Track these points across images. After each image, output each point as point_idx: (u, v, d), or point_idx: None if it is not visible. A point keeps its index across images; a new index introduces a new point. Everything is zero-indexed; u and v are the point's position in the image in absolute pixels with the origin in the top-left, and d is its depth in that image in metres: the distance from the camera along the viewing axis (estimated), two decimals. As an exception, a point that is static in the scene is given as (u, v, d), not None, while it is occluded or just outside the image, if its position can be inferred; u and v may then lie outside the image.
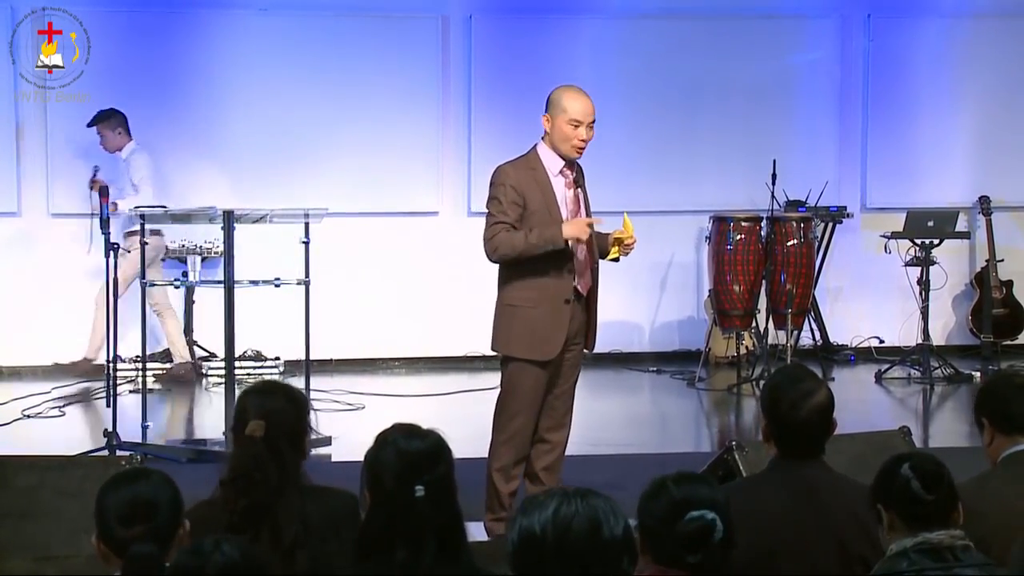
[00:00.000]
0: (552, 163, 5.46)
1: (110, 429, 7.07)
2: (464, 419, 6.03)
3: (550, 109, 5.47)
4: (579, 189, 5.52)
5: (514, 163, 5.50)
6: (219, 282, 7.36)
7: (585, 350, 5.67)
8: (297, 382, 6.43)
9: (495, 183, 5.45)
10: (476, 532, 5.32)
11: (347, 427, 7.71)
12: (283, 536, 3.32)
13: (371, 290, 10.25)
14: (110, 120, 9.56)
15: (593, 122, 5.46)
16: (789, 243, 9.56)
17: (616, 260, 5.57)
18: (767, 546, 3.42)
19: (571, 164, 5.52)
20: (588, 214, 5.53)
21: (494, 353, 5.67)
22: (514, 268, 5.46)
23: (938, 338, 10.42)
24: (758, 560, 3.39)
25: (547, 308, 5.42)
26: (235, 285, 7.26)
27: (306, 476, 3.50)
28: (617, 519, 2.40)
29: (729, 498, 2.87)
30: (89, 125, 9.56)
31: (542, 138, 5.51)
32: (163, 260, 9.65)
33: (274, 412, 3.46)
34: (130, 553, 2.61)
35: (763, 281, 9.55)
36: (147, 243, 7.69)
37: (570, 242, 5.39)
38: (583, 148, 5.46)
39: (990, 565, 3.05)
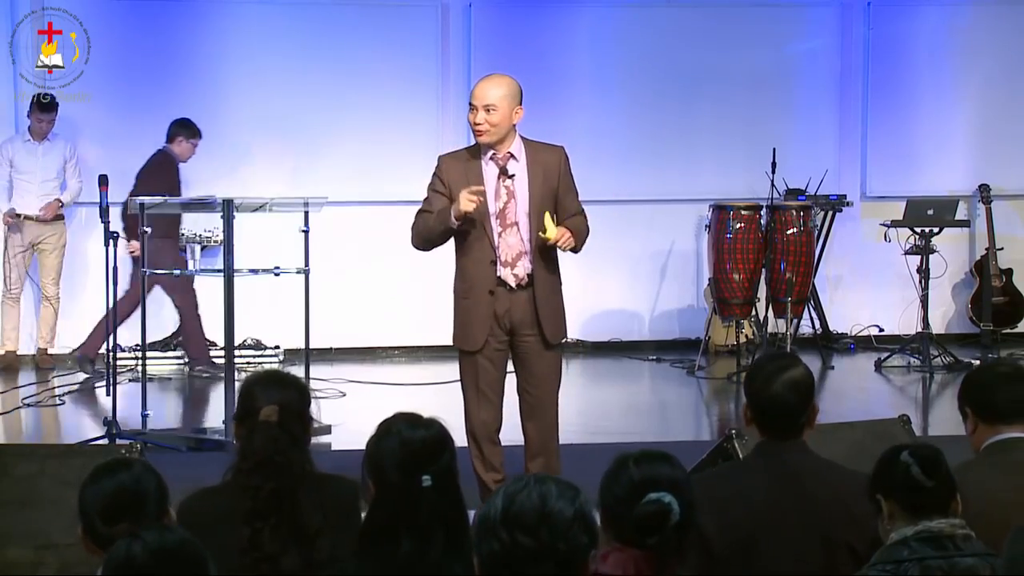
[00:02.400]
0: (487, 149, 5.43)
1: (110, 418, 7.07)
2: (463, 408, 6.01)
3: None
4: (511, 178, 5.35)
5: (455, 151, 5.53)
6: (219, 271, 7.35)
7: (555, 341, 5.45)
8: (297, 371, 6.43)
9: (433, 173, 5.49)
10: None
11: (347, 415, 7.71)
12: (306, 523, 3.28)
13: (370, 279, 10.25)
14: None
15: (489, 106, 5.31)
16: (789, 232, 9.55)
17: (575, 250, 5.47)
18: (748, 531, 3.41)
19: (506, 152, 5.37)
20: (533, 203, 5.35)
21: None
22: (456, 258, 5.48)
23: (938, 326, 10.43)
24: (739, 545, 3.38)
25: (472, 299, 5.42)
26: (235, 274, 7.26)
27: (312, 464, 3.49)
28: (571, 499, 2.44)
29: (691, 478, 2.87)
30: (48, 110, 9.46)
31: None
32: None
33: (284, 399, 3.44)
34: (108, 556, 2.55)
35: (763, 270, 9.55)
36: (146, 231, 7.56)
37: (495, 232, 5.32)
38: (479, 132, 5.34)
39: (991, 555, 3.04)
